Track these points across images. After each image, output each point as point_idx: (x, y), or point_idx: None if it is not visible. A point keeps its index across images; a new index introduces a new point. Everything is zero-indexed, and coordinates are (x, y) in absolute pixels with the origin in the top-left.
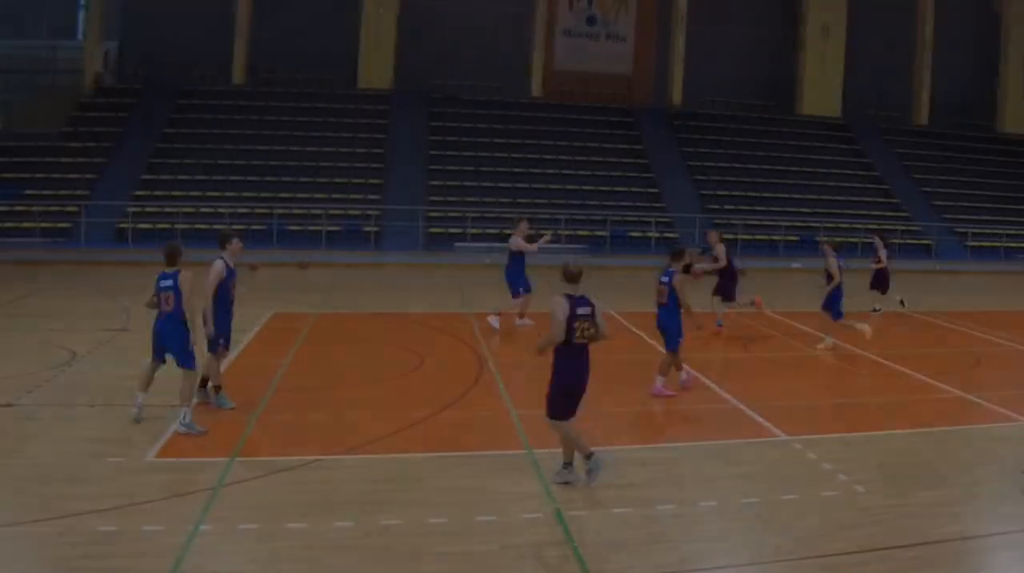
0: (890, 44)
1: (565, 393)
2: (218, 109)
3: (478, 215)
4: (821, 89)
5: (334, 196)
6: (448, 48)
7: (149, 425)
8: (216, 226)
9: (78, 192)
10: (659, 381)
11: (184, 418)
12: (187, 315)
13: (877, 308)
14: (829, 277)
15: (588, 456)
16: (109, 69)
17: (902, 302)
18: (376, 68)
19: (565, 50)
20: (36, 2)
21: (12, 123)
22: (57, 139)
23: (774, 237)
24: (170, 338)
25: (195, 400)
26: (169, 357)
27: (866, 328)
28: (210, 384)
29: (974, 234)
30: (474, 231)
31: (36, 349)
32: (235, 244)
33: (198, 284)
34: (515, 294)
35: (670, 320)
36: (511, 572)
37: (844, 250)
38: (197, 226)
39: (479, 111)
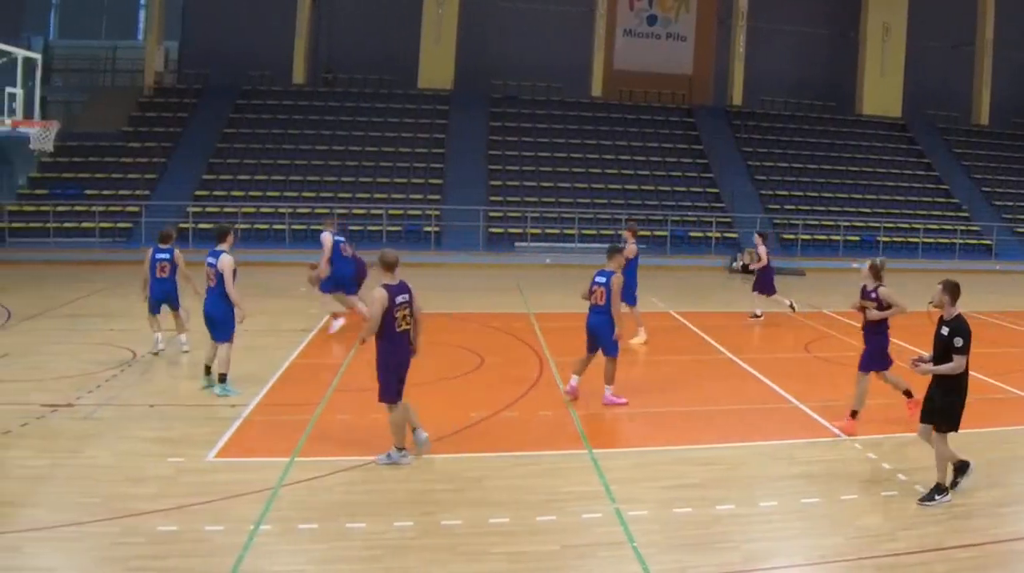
0: (950, 43)
1: (396, 377)
2: (278, 109)
3: (538, 215)
4: (881, 88)
5: (394, 196)
6: (508, 48)
7: (209, 425)
8: (276, 226)
9: (138, 192)
10: (608, 390)
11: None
12: (233, 299)
13: (758, 314)
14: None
15: (402, 448)
16: (169, 69)
17: (756, 314)
18: (436, 68)
19: (626, 50)
20: (96, 2)
21: (72, 123)
22: (117, 139)
23: (834, 237)
24: (172, 295)
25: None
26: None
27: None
28: (216, 371)
29: None
30: (534, 231)
31: (97, 349)
32: (231, 238)
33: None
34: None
35: (608, 323)
36: (572, 572)
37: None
38: (257, 226)
39: (539, 111)
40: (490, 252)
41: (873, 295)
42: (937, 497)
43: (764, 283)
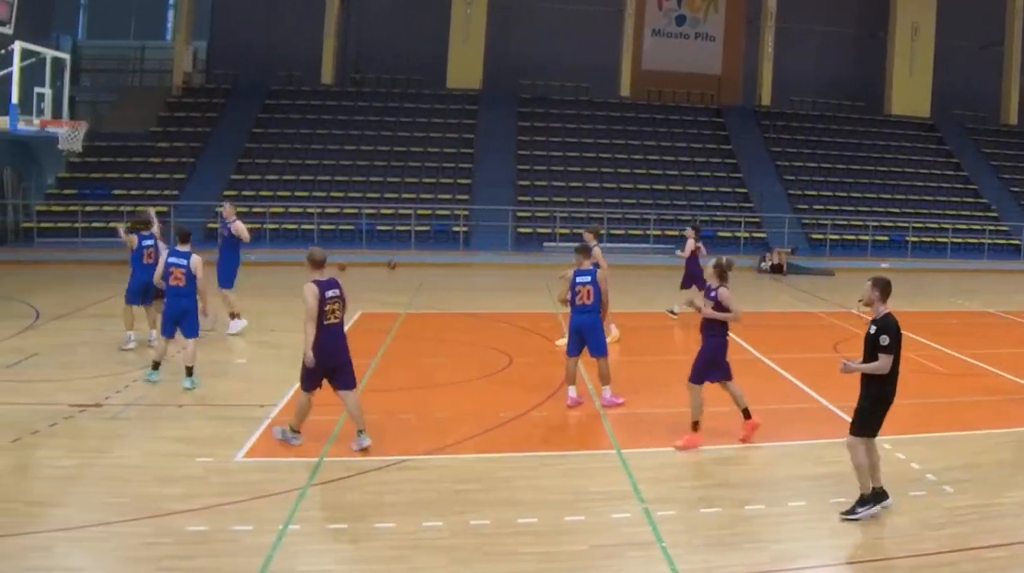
0: (979, 43)
1: (320, 367)
2: (307, 109)
3: (567, 215)
4: (910, 88)
5: (423, 196)
6: (537, 48)
7: (238, 425)
8: (304, 226)
9: (167, 192)
10: (607, 391)
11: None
12: (205, 297)
13: (675, 311)
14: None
15: (297, 430)
16: (197, 69)
17: (672, 311)
18: (465, 68)
19: (654, 50)
20: (125, 3)
21: (101, 123)
22: (146, 139)
23: (863, 237)
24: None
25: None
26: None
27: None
28: (185, 364)
29: None
30: (563, 231)
31: (125, 349)
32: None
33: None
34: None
35: (597, 322)
36: (600, 572)
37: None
38: (286, 226)
39: (568, 111)
40: (518, 252)
41: (713, 295)
42: (859, 510)
43: (694, 277)
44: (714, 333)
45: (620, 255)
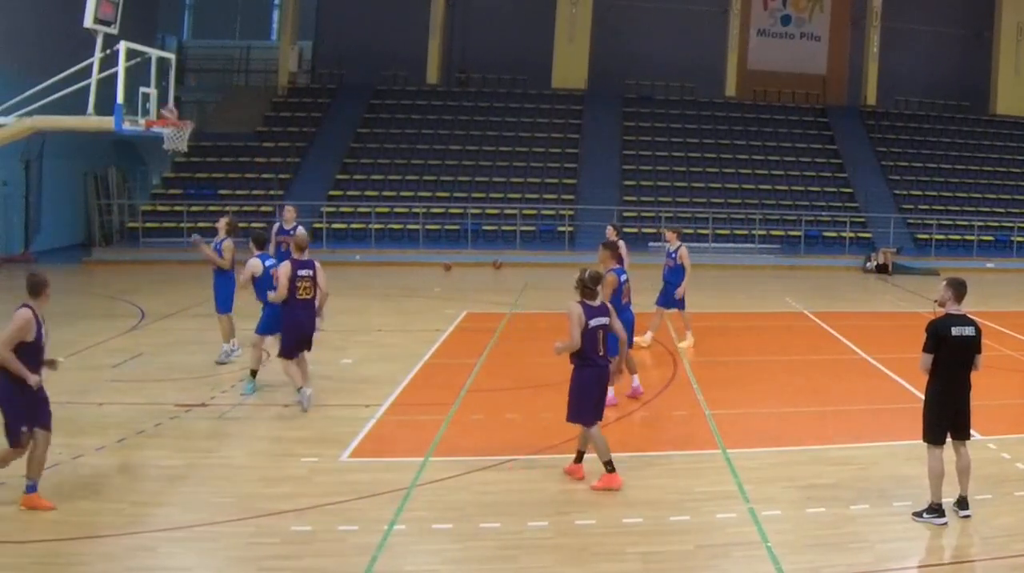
0: None
1: (295, 339)
2: (412, 109)
3: (672, 215)
4: (1015, 88)
5: (528, 196)
6: (642, 47)
7: (343, 425)
8: (410, 226)
9: (272, 192)
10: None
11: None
12: None
13: None
14: None
15: (298, 389)
16: (303, 69)
17: None
18: (570, 67)
19: (759, 50)
20: (230, 3)
21: (206, 123)
22: (251, 139)
23: (968, 237)
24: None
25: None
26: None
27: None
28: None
29: None
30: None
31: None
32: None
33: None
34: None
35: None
36: (706, 572)
37: None
38: (391, 226)
39: (673, 111)
40: None
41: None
42: (926, 516)
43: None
44: (574, 364)
45: (726, 255)
